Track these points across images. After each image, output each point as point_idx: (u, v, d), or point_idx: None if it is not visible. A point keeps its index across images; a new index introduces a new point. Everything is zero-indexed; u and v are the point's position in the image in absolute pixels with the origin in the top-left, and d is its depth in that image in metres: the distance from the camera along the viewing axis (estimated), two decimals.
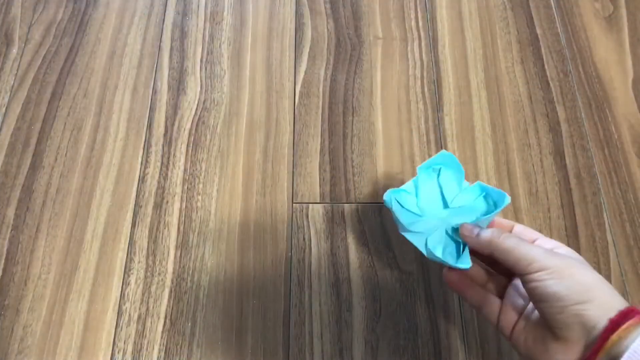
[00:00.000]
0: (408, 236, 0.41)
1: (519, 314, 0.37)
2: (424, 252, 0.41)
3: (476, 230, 0.38)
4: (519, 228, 0.40)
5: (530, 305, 0.37)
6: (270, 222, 0.56)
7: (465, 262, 0.38)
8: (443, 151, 0.43)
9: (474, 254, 0.40)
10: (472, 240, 0.38)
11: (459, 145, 0.61)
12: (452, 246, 0.40)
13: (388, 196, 0.42)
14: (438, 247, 0.40)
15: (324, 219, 0.57)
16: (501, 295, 0.39)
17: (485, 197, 0.42)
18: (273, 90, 0.64)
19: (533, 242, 0.38)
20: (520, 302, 0.38)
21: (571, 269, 0.33)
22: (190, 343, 0.51)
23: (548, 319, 0.33)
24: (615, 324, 0.31)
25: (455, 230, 0.40)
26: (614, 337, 0.30)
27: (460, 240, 0.40)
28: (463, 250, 0.39)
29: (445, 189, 0.43)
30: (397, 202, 0.42)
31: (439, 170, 0.44)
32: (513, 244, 0.35)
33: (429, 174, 0.44)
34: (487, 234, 0.37)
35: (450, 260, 0.39)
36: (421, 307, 0.53)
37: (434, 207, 0.43)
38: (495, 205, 0.41)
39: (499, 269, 0.40)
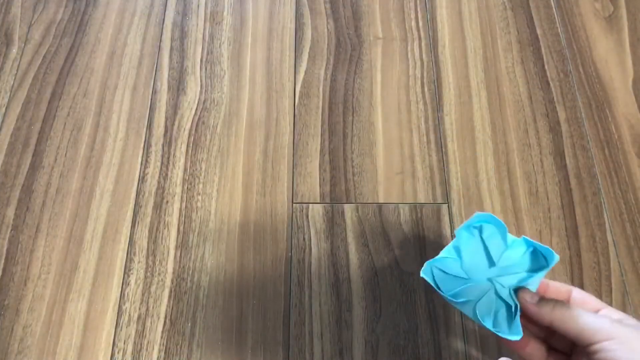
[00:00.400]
0: (458, 306, 0.39)
1: None
2: (475, 320, 0.38)
3: (536, 298, 0.36)
4: (577, 294, 0.38)
5: None
6: (270, 222, 0.56)
7: (517, 332, 0.36)
8: (478, 213, 0.39)
9: (531, 322, 0.38)
10: (532, 308, 0.35)
11: (458, 145, 0.61)
12: (502, 311, 0.38)
13: (427, 267, 0.38)
14: (487, 317, 0.37)
15: (324, 219, 0.56)
16: None
17: (532, 253, 0.39)
18: (273, 90, 0.64)
19: (597, 312, 0.36)
20: None
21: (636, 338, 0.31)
22: (190, 343, 0.51)
23: None
24: None
25: (506, 291, 0.38)
26: None
27: (512, 303, 0.37)
28: (515, 315, 0.37)
29: (491, 246, 0.40)
30: (440, 269, 0.39)
31: (480, 228, 0.40)
32: (576, 313, 0.33)
33: (470, 232, 0.40)
34: (549, 306, 0.35)
35: (502, 331, 0.36)
36: (421, 307, 0.53)
37: (481, 267, 0.39)
38: (545, 262, 0.38)
39: (560, 343, 0.38)
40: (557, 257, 0.37)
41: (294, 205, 0.57)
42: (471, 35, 0.68)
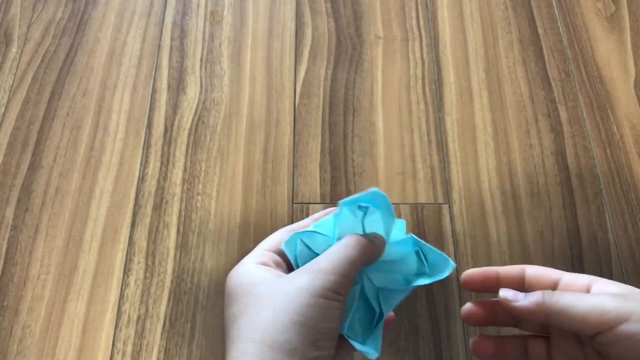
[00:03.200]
0: None
1: None
2: None
3: (520, 295, 0.30)
4: (567, 278, 0.32)
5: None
6: (271, 222, 0.56)
7: (375, 347, 0.31)
8: (375, 189, 0.32)
9: (522, 321, 0.33)
10: (519, 307, 0.29)
11: (460, 145, 0.60)
12: (359, 315, 0.32)
13: (293, 238, 0.31)
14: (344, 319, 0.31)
15: None
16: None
17: (417, 255, 0.34)
18: (273, 89, 0.63)
19: (588, 291, 0.30)
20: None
21: None
22: (189, 344, 0.51)
23: None
24: None
25: (377, 291, 0.32)
26: None
27: (377, 309, 0.32)
28: (376, 324, 0.31)
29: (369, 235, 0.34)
30: (305, 244, 0.32)
31: (366, 210, 0.33)
32: (573, 299, 0.28)
33: (353, 211, 0.33)
34: (536, 297, 0.29)
35: (356, 341, 0.31)
36: (422, 308, 0.52)
37: None
38: (434, 270, 0.33)
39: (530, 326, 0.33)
40: (452, 265, 0.32)
41: (294, 205, 0.57)
42: (472, 35, 0.67)
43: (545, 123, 0.62)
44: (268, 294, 0.28)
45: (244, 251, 0.55)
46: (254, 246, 0.32)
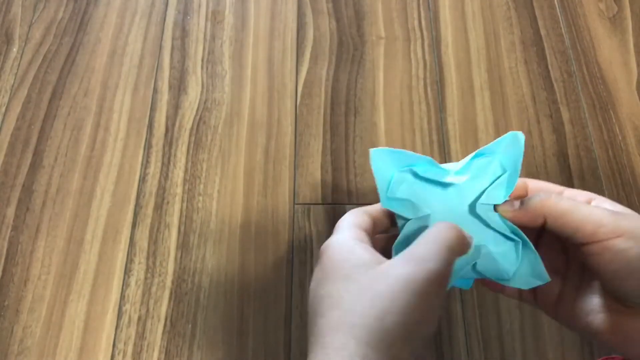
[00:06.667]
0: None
1: (561, 286, 0.32)
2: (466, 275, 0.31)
3: (517, 203, 0.30)
4: (568, 192, 0.33)
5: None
6: (272, 223, 0.56)
7: (544, 277, 0.30)
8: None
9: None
10: (517, 214, 0.30)
11: (461, 146, 0.60)
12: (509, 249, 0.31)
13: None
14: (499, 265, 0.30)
15: (325, 220, 0.56)
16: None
17: (479, 156, 0.32)
18: (275, 90, 0.63)
19: (589, 203, 0.31)
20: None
21: None
22: (190, 345, 0.51)
23: (626, 294, 0.28)
24: None
25: (496, 218, 0.31)
26: None
27: (516, 237, 0.30)
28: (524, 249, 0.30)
29: (432, 176, 0.32)
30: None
31: (409, 170, 0.32)
32: (571, 206, 0.29)
33: (401, 173, 0.32)
34: (536, 199, 0.30)
35: (526, 281, 0.30)
36: None
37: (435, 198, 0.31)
38: (513, 143, 0.31)
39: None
40: (520, 134, 0.31)
41: (295, 206, 0.57)
42: (474, 35, 0.67)
43: (547, 124, 0.62)
44: (370, 285, 0.26)
45: (245, 252, 0.55)
46: (255, 247, 0.32)
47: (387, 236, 0.34)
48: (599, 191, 0.58)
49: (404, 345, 0.26)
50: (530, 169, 0.59)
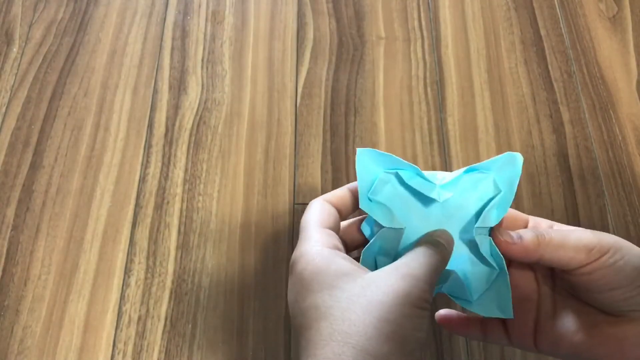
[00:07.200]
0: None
1: (536, 313, 0.32)
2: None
3: (516, 236, 0.31)
4: (532, 220, 0.35)
5: (548, 301, 0.33)
6: (272, 223, 0.56)
7: (508, 308, 0.30)
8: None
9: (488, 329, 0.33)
10: (516, 248, 0.31)
11: (461, 146, 0.60)
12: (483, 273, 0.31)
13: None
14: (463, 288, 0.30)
15: None
16: None
17: (471, 171, 0.31)
18: (275, 90, 0.63)
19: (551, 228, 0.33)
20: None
21: (630, 245, 0.29)
22: (190, 345, 0.51)
23: (616, 305, 0.29)
24: None
25: (487, 243, 0.30)
26: None
27: (495, 266, 0.30)
28: (498, 280, 0.30)
29: (417, 186, 0.31)
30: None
31: (395, 174, 0.32)
32: (563, 236, 0.29)
33: (386, 178, 0.31)
34: (530, 235, 0.30)
35: (486, 310, 0.30)
36: None
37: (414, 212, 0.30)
38: (509, 165, 0.30)
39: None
40: (519, 156, 0.31)
41: (295, 206, 0.57)
42: (474, 36, 0.67)
43: (547, 124, 0.62)
44: (363, 294, 0.26)
45: (245, 251, 0.55)
46: (255, 246, 0.32)
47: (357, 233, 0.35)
48: (599, 191, 0.58)
49: (402, 351, 0.26)
50: (530, 169, 0.59)
